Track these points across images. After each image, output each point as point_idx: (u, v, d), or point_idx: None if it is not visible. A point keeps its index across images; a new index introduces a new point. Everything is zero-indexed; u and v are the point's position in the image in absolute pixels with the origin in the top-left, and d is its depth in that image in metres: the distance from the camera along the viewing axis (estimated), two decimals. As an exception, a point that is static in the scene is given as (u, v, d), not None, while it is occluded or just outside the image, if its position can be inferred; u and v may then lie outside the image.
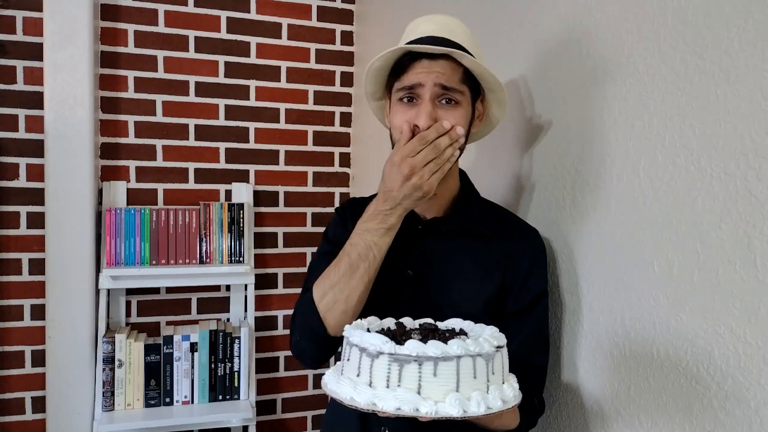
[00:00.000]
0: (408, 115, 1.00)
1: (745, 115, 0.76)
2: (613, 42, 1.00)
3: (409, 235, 1.07)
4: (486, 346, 0.78)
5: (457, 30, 1.04)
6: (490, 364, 0.79)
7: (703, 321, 0.82)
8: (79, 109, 2.00)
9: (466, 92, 1.02)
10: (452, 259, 1.08)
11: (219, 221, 2.17)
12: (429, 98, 0.99)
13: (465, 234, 1.08)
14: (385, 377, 0.76)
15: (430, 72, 0.98)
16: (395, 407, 0.74)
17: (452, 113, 1.00)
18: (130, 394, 2.03)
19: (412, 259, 1.07)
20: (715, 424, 0.81)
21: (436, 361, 0.75)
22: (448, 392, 0.75)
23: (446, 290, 1.06)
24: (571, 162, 1.11)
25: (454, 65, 1.00)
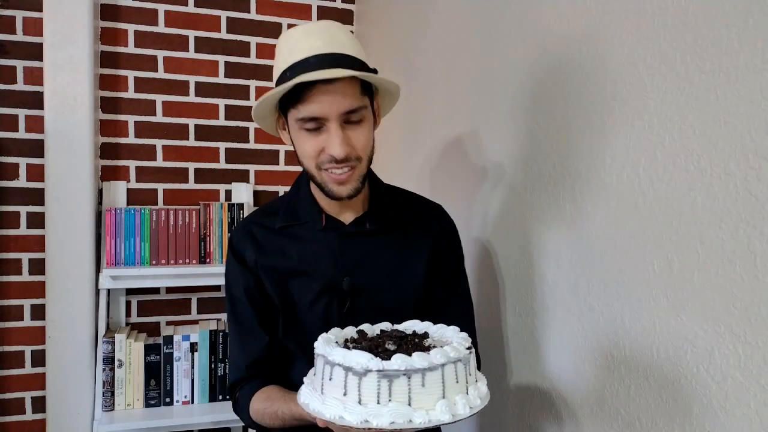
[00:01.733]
0: (317, 142, 0.98)
1: (745, 115, 0.76)
2: (613, 42, 1.00)
3: (335, 242, 1.08)
4: (462, 351, 0.82)
5: (343, 39, 1.00)
6: (467, 367, 0.83)
7: (703, 321, 0.82)
8: (79, 109, 2.00)
9: (367, 103, 1.01)
10: (382, 257, 1.10)
11: (219, 221, 2.17)
12: (336, 127, 0.96)
13: (386, 228, 1.10)
14: (375, 394, 0.77)
15: (332, 101, 0.94)
16: (390, 422, 0.76)
17: (360, 130, 0.99)
18: (130, 394, 2.03)
19: (345, 265, 1.08)
20: (715, 424, 0.81)
21: (424, 372, 0.78)
22: (437, 400, 0.78)
23: (388, 286, 1.09)
24: (571, 162, 1.11)
25: (351, 81, 0.96)
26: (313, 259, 1.09)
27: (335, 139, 0.96)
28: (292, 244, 1.10)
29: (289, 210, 1.13)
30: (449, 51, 1.62)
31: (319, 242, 1.09)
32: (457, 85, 1.57)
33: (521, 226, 1.27)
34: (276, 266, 1.10)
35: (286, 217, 1.12)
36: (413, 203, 1.18)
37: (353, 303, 1.07)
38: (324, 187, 1.03)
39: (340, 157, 0.97)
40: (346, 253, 1.08)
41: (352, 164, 1.00)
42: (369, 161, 1.04)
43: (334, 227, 1.09)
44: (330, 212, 1.10)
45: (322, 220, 1.09)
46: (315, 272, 1.08)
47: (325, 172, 1.00)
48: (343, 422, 0.77)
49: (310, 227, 1.10)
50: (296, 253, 1.10)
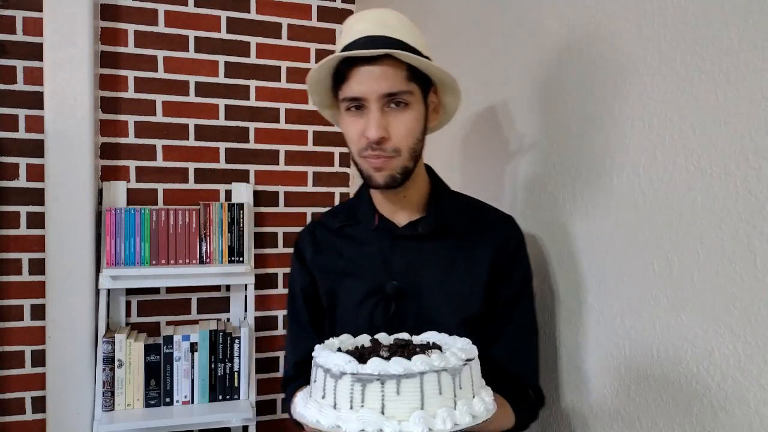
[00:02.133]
0: (358, 125, 0.97)
1: (745, 115, 0.76)
2: (613, 42, 1.00)
3: (386, 243, 1.05)
4: (452, 360, 0.76)
5: (395, 23, 0.98)
6: (457, 379, 0.76)
7: (703, 321, 0.82)
8: (79, 109, 2.00)
9: (415, 90, 0.97)
10: (434, 263, 1.04)
11: (219, 221, 2.17)
12: (376, 108, 0.94)
13: (443, 234, 1.04)
14: (348, 398, 0.74)
15: (372, 79, 0.93)
16: (359, 429, 0.72)
17: (402, 117, 0.96)
18: (130, 394, 2.03)
19: (393, 268, 1.04)
20: (715, 424, 0.81)
21: (399, 378, 0.73)
22: (413, 410, 0.72)
23: (434, 295, 1.03)
24: (570, 162, 1.11)
25: (397, 64, 0.94)
26: (364, 260, 1.07)
27: (372, 121, 0.94)
28: (347, 244, 1.10)
29: (349, 210, 1.12)
30: (449, 51, 1.62)
31: (370, 243, 1.07)
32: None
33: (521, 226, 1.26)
34: (328, 266, 1.10)
35: (344, 217, 1.12)
36: (479, 211, 1.10)
37: (398, 308, 1.02)
38: (363, 174, 1.01)
39: (374, 138, 0.94)
40: (395, 256, 1.04)
41: (388, 154, 0.96)
42: (412, 155, 0.99)
43: (386, 229, 1.06)
44: (384, 213, 1.07)
45: (374, 221, 1.07)
46: (364, 274, 1.05)
47: (364, 159, 0.98)
48: (318, 426, 0.75)
49: (364, 228, 1.08)
50: (349, 254, 1.09)
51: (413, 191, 1.05)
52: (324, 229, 1.14)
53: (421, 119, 0.99)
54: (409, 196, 1.05)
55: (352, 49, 0.95)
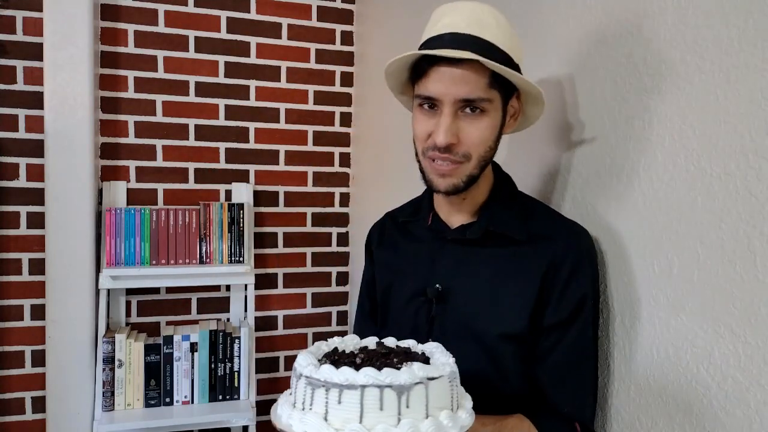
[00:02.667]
0: (428, 124, 0.92)
1: (745, 115, 0.76)
2: (613, 42, 1.00)
3: (436, 245, 1.02)
4: (402, 377, 0.74)
5: (488, 20, 0.90)
6: (403, 397, 0.74)
7: (703, 321, 0.82)
8: (79, 109, 2.00)
9: (495, 98, 0.90)
10: (480, 270, 0.98)
11: (219, 221, 2.17)
12: (449, 113, 0.89)
13: (494, 241, 0.97)
14: (302, 399, 0.77)
15: (451, 82, 0.87)
16: (303, 430, 0.74)
17: (476, 125, 0.90)
18: (130, 394, 2.03)
19: (439, 271, 1.00)
20: (715, 424, 0.81)
21: (341, 388, 0.73)
22: (350, 422, 0.73)
23: (476, 304, 0.97)
24: (570, 162, 1.11)
25: (480, 68, 0.87)
26: (415, 259, 1.05)
27: (441, 126, 0.89)
28: (404, 240, 1.09)
29: (415, 206, 1.10)
30: (449, 51, 1.62)
31: (423, 243, 1.05)
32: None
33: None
34: (386, 261, 1.10)
35: (408, 212, 1.10)
36: (543, 220, 1.00)
37: (439, 312, 0.99)
38: (425, 176, 0.96)
39: (441, 145, 0.89)
40: (443, 259, 1.01)
41: (456, 159, 0.91)
42: (481, 163, 0.93)
43: (438, 229, 1.03)
44: (441, 214, 1.03)
45: (428, 219, 1.04)
46: (413, 273, 1.03)
47: (428, 160, 0.93)
48: (277, 420, 0.78)
49: (421, 225, 1.06)
50: (404, 251, 1.07)
51: (474, 194, 0.99)
52: (392, 222, 1.14)
53: (496, 127, 0.93)
54: (468, 199, 0.99)
55: (436, 45, 0.89)
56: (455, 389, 0.79)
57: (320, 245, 2.44)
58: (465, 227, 1.00)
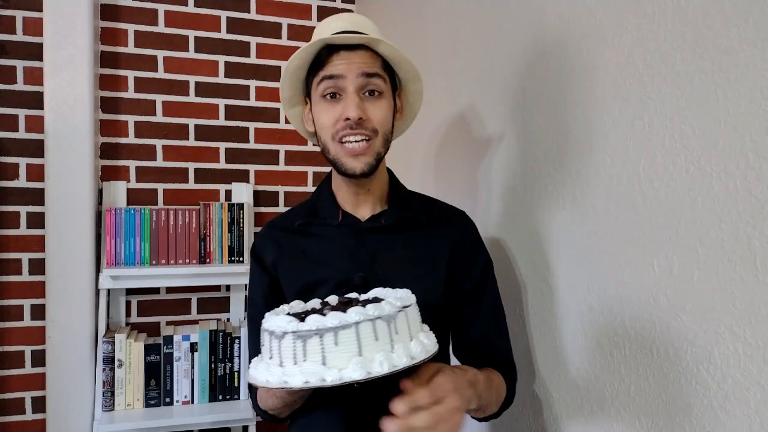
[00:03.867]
0: (335, 111, 1.01)
1: (745, 115, 0.76)
2: (613, 42, 1.00)
3: (351, 237, 1.08)
4: (387, 308, 0.80)
5: (368, 26, 1.06)
6: (392, 325, 0.80)
7: (703, 321, 0.82)
8: (79, 109, 2.00)
9: (387, 81, 1.03)
10: (398, 253, 1.08)
11: (219, 221, 2.17)
12: (353, 90, 0.99)
13: (404, 226, 1.09)
14: (292, 355, 0.79)
15: (350, 63, 0.99)
16: (303, 381, 0.76)
17: (378, 104, 1.01)
18: (130, 394, 2.03)
19: (359, 260, 1.07)
20: (715, 424, 0.81)
21: (336, 330, 0.77)
22: (351, 358, 0.77)
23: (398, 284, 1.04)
24: (571, 162, 1.11)
25: (373, 55, 1.01)
26: (329, 255, 1.09)
27: (350, 102, 0.99)
28: (311, 241, 1.12)
29: (310, 208, 1.15)
30: (448, 51, 1.62)
31: (335, 239, 1.10)
32: (457, 85, 1.57)
33: (521, 226, 1.27)
34: (294, 264, 1.12)
35: (305, 215, 1.14)
36: (434, 207, 1.17)
37: None
38: (337, 162, 1.04)
39: (354, 118, 0.98)
40: (360, 249, 1.08)
41: (367, 134, 1.00)
42: (386, 142, 1.04)
43: (350, 223, 1.09)
44: (347, 209, 1.10)
45: (338, 216, 1.10)
46: (330, 268, 1.08)
47: (339, 144, 1.01)
48: (267, 385, 0.79)
49: (327, 224, 1.11)
50: (313, 250, 1.11)
51: (376, 185, 1.09)
52: (284, 230, 1.15)
53: (391, 110, 1.06)
54: (372, 189, 1.09)
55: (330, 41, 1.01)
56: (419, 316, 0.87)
57: (320, 245, 2.44)
58: (376, 216, 1.10)
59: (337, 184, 1.12)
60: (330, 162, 1.06)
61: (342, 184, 1.09)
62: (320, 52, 1.02)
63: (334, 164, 1.05)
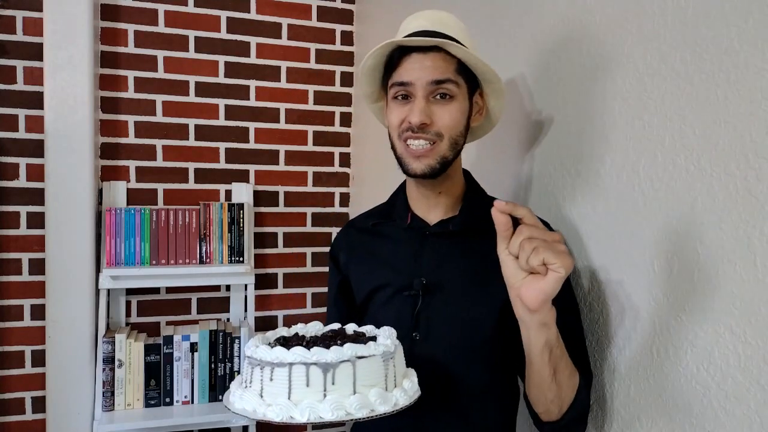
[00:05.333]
0: (402, 112, 1.00)
1: (745, 115, 0.76)
2: (613, 42, 1.00)
3: (417, 241, 1.07)
4: (329, 356, 0.78)
5: (450, 23, 1.03)
6: (329, 374, 0.78)
7: (703, 321, 0.82)
8: (79, 109, 2.00)
9: (461, 83, 1.00)
10: (462, 261, 1.05)
11: (219, 221, 2.17)
12: (422, 96, 0.98)
13: (473, 233, 1.04)
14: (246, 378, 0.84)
15: (421, 68, 0.97)
16: (241, 407, 0.80)
17: (447, 108, 0.99)
18: (130, 394, 2.03)
19: (422, 265, 1.05)
20: (715, 424, 0.81)
21: (273, 366, 0.79)
22: (279, 397, 0.78)
23: (464, 293, 1.03)
24: (571, 162, 1.11)
25: (447, 57, 0.98)
26: (396, 257, 1.09)
27: (415, 107, 0.98)
28: (381, 242, 1.12)
29: (386, 209, 1.15)
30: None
31: (403, 241, 1.09)
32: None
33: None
34: (363, 265, 1.13)
35: (379, 216, 1.15)
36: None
37: (425, 305, 1.03)
38: (401, 161, 1.03)
39: (416, 123, 0.97)
40: (425, 254, 1.06)
41: (430, 138, 0.98)
42: (453, 146, 1.01)
43: (418, 226, 1.08)
44: (418, 212, 1.09)
45: (407, 219, 1.09)
46: (394, 271, 1.07)
47: (404, 144, 1.01)
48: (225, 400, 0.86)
49: (398, 226, 1.11)
50: (382, 251, 1.11)
51: (449, 188, 1.07)
52: (356, 230, 1.18)
53: (465, 113, 1.02)
54: (444, 192, 1.06)
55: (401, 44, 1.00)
56: (392, 368, 0.83)
57: (320, 245, 2.44)
58: (445, 221, 1.07)
59: (410, 187, 1.11)
60: (397, 160, 1.05)
61: (413, 186, 1.08)
62: (393, 53, 1.01)
63: (399, 163, 1.04)
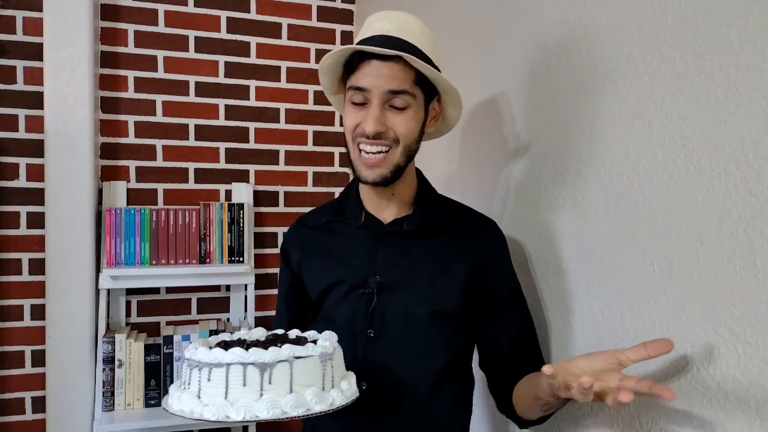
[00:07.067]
0: (357, 117, 1.00)
1: (745, 115, 0.76)
2: (613, 42, 1.00)
3: (371, 239, 1.08)
4: (266, 356, 0.80)
5: (414, 29, 1.02)
6: (266, 374, 0.80)
7: (703, 321, 0.82)
8: (79, 109, 2.00)
9: (418, 94, 1.01)
10: (417, 259, 1.07)
11: (219, 221, 2.17)
12: (377, 103, 0.98)
13: (427, 232, 1.08)
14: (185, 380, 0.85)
15: (379, 76, 0.97)
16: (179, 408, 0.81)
17: (402, 116, 0.99)
18: (130, 394, 2.03)
19: (377, 264, 1.07)
20: (715, 424, 0.81)
21: (211, 367, 0.80)
22: (216, 397, 0.79)
23: (415, 291, 1.06)
24: (571, 162, 1.11)
25: (406, 67, 0.98)
26: (349, 256, 1.10)
27: (370, 115, 0.98)
28: (334, 240, 1.13)
29: (337, 206, 1.16)
30: (448, 52, 1.62)
31: (357, 239, 1.10)
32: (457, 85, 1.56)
33: (521, 226, 1.27)
34: (317, 263, 1.13)
35: (331, 213, 1.15)
36: (464, 215, 1.14)
37: (380, 303, 1.05)
38: (354, 167, 1.04)
39: (370, 133, 0.97)
40: (380, 252, 1.07)
41: (386, 145, 0.99)
42: (407, 153, 1.02)
43: (372, 225, 1.09)
44: (371, 210, 1.10)
45: (361, 217, 1.10)
46: (348, 269, 1.08)
47: (357, 149, 1.01)
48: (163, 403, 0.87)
49: (351, 224, 1.11)
50: (336, 249, 1.12)
51: (401, 189, 1.08)
52: (308, 228, 1.18)
53: (419, 121, 1.03)
54: (397, 193, 1.08)
55: (368, 45, 0.99)
56: (330, 370, 0.86)
57: (320, 245, 2.44)
58: (399, 221, 1.09)
59: (362, 186, 1.11)
60: (350, 163, 1.06)
61: (365, 186, 1.09)
62: (353, 56, 1.01)
63: (352, 167, 1.05)
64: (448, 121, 1.13)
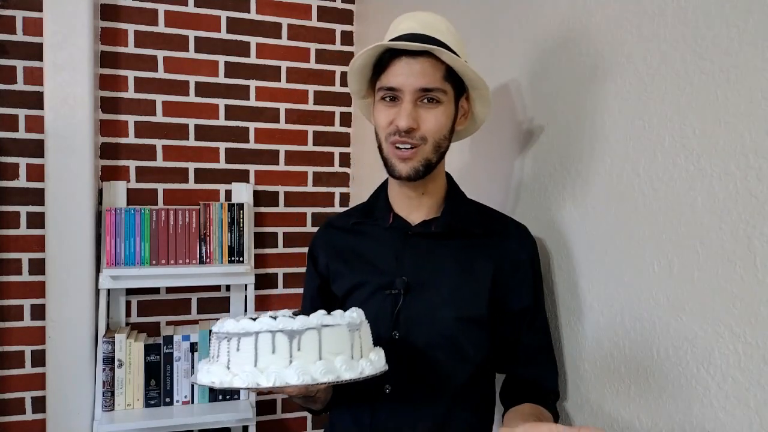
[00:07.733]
0: (389, 114, 1.01)
1: (745, 115, 0.76)
2: (613, 42, 1.00)
3: (399, 241, 1.08)
4: (295, 324, 0.81)
5: (441, 27, 1.04)
6: (295, 341, 0.81)
7: (703, 321, 0.82)
8: (79, 109, 2.00)
9: (448, 90, 1.01)
10: (444, 261, 1.07)
11: (219, 221, 2.17)
12: (409, 100, 0.99)
13: (455, 234, 1.07)
14: (214, 353, 0.86)
15: (410, 74, 0.98)
16: (209, 380, 0.82)
17: (433, 112, 1.00)
18: (130, 394, 2.03)
19: (404, 265, 1.07)
20: (715, 424, 0.81)
21: (239, 336, 0.81)
22: (245, 365, 0.80)
23: (441, 294, 1.05)
24: (571, 162, 1.11)
25: (435, 62, 0.99)
26: (377, 256, 1.10)
27: (403, 111, 0.99)
28: (362, 241, 1.13)
29: (366, 208, 1.16)
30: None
31: (384, 240, 1.10)
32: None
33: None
34: (344, 264, 1.14)
35: (360, 215, 1.16)
36: (492, 218, 1.14)
37: (406, 305, 1.05)
38: (387, 162, 1.04)
39: (403, 128, 0.98)
40: (407, 254, 1.07)
41: (415, 142, 1.00)
42: (437, 149, 1.03)
43: (399, 227, 1.09)
44: (400, 212, 1.10)
45: (389, 219, 1.10)
46: (375, 270, 1.09)
47: (390, 146, 1.02)
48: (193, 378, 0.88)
49: (379, 226, 1.12)
50: (363, 250, 1.12)
51: (431, 189, 1.08)
52: (336, 230, 1.18)
53: (450, 117, 1.04)
54: (427, 193, 1.08)
55: (394, 41, 1.00)
56: (358, 339, 0.86)
57: (320, 245, 2.44)
58: (427, 222, 1.08)
59: (392, 187, 1.12)
60: (382, 160, 1.06)
61: (396, 187, 1.10)
62: (382, 55, 1.01)
63: (384, 163, 1.05)
64: (477, 119, 1.13)
